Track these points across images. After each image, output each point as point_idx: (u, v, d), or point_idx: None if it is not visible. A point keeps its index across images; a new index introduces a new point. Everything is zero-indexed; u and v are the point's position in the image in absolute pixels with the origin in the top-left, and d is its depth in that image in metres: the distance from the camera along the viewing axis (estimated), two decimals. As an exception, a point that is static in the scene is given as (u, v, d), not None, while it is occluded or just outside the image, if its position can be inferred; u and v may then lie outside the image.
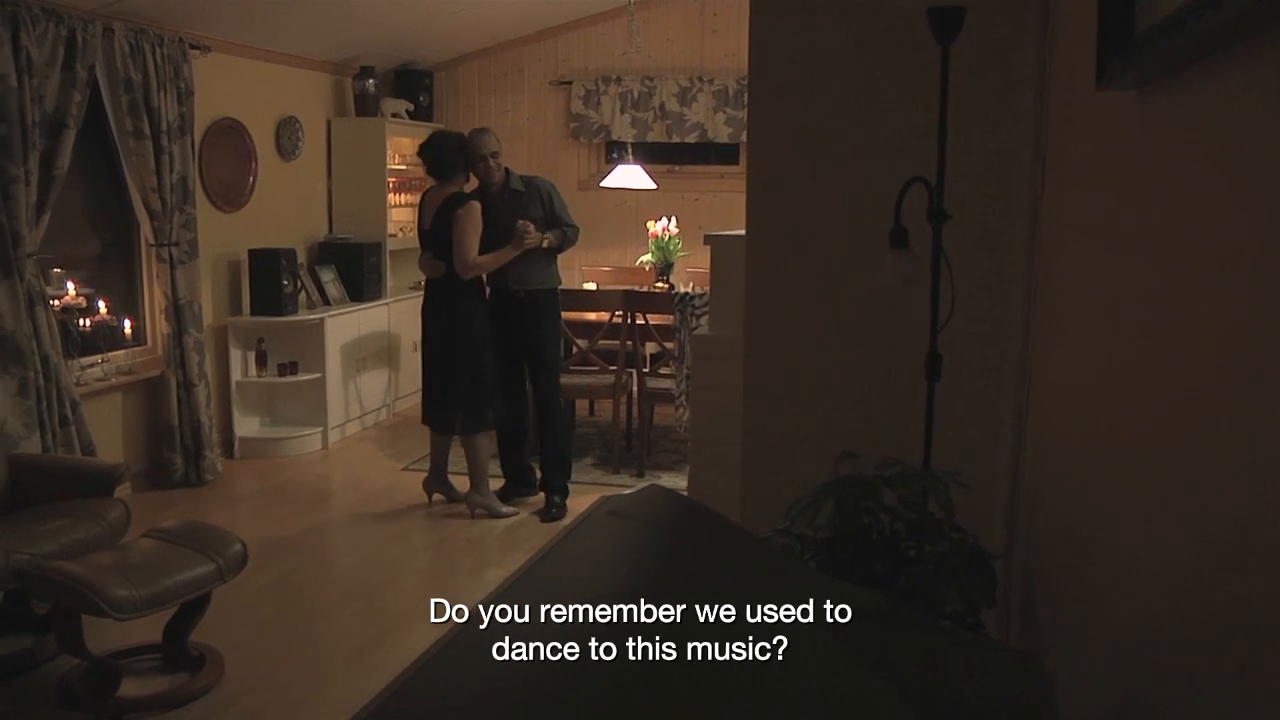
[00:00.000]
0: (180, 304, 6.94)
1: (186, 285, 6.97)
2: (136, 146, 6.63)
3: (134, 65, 6.53)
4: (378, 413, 8.90)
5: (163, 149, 6.72)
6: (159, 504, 6.67)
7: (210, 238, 7.42)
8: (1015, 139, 3.28)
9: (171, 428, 7.01)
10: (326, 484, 7.36)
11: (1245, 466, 1.36)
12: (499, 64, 9.80)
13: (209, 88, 7.32)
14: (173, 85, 6.81)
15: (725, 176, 9.28)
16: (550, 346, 6.62)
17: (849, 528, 2.73)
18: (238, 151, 7.88)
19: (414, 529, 6.40)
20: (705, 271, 5.90)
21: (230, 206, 7.81)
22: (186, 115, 6.94)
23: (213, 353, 7.52)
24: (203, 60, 7.19)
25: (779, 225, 3.64)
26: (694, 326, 6.75)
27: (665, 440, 8.10)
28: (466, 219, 6.25)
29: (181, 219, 6.93)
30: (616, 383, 7.42)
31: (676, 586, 1.90)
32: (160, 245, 6.85)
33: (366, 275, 8.77)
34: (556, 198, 6.55)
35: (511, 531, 6.34)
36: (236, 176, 7.88)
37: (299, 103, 8.60)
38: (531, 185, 6.53)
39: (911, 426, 3.09)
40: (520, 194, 6.47)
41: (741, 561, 2.14)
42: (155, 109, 6.66)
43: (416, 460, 7.58)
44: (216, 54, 7.38)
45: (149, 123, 6.64)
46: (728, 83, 9.10)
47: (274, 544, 6.06)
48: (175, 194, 6.85)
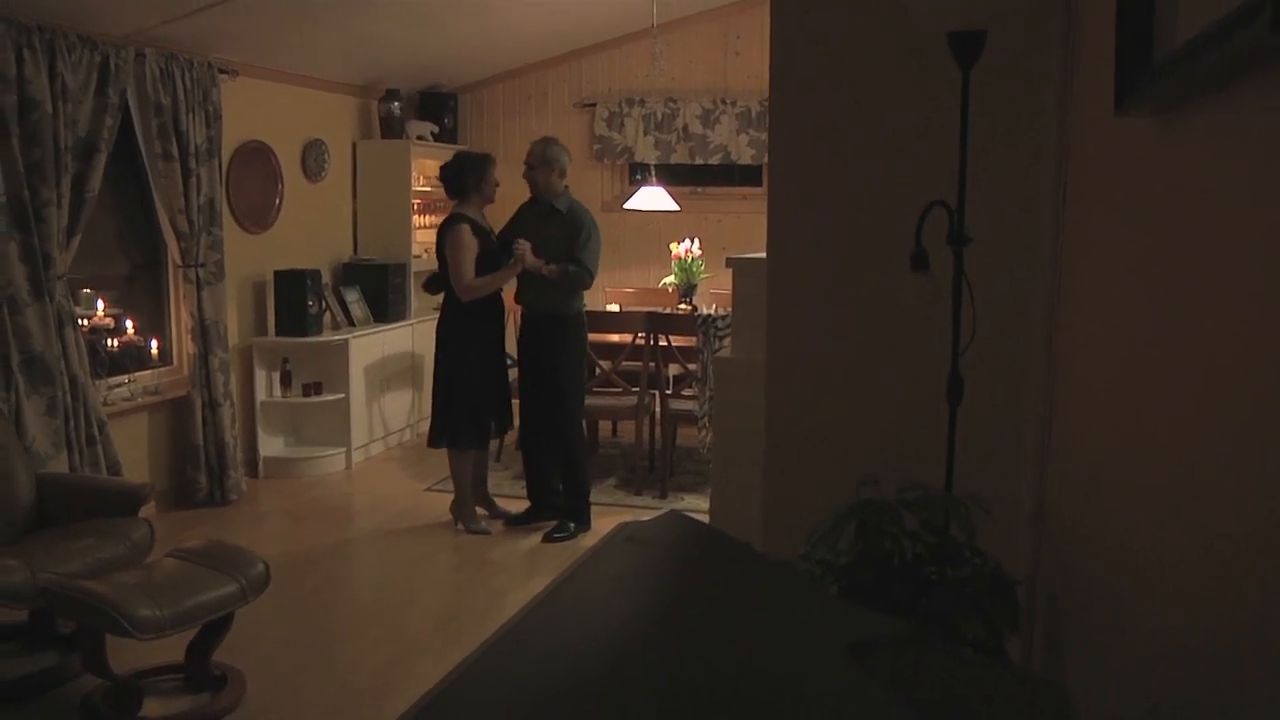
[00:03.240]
0: (206, 324, 6.98)
1: (212, 306, 7.02)
2: (165, 169, 6.68)
3: (164, 89, 6.59)
4: (401, 433, 8.91)
5: (190, 171, 6.77)
6: (183, 523, 6.70)
7: (236, 259, 7.46)
8: (1036, 164, 3.28)
9: (196, 447, 7.04)
10: (350, 504, 7.37)
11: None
12: (523, 86, 9.84)
13: (236, 111, 7.37)
14: (201, 109, 6.87)
15: (749, 198, 9.28)
16: (564, 374, 6.51)
17: (871, 552, 2.72)
18: (264, 173, 7.92)
19: (436, 550, 6.40)
20: (728, 293, 5.89)
21: (256, 228, 7.85)
22: (214, 138, 6.99)
23: (238, 373, 7.57)
24: (230, 84, 7.25)
25: (800, 248, 3.64)
26: (717, 348, 6.73)
27: (688, 462, 8.08)
28: (455, 242, 6.32)
29: (208, 240, 6.98)
30: (639, 404, 7.41)
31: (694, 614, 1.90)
32: (187, 266, 6.90)
33: (391, 296, 8.79)
34: (587, 235, 6.40)
35: (534, 554, 6.34)
36: (263, 198, 7.92)
37: (325, 125, 8.65)
38: (572, 212, 6.45)
39: (933, 450, 3.08)
40: (557, 215, 6.43)
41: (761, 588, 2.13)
42: (184, 132, 6.72)
43: (439, 481, 7.59)
44: (244, 78, 7.44)
45: (177, 145, 6.69)
46: (751, 104, 9.11)
47: (297, 564, 6.07)
48: (202, 215, 6.90)
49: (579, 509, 6.67)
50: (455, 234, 6.33)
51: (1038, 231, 3.26)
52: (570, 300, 6.47)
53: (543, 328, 6.52)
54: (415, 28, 7.82)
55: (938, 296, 2.90)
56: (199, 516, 6.90)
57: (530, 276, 6.39)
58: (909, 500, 2.76)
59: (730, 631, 1.84)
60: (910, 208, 2.92)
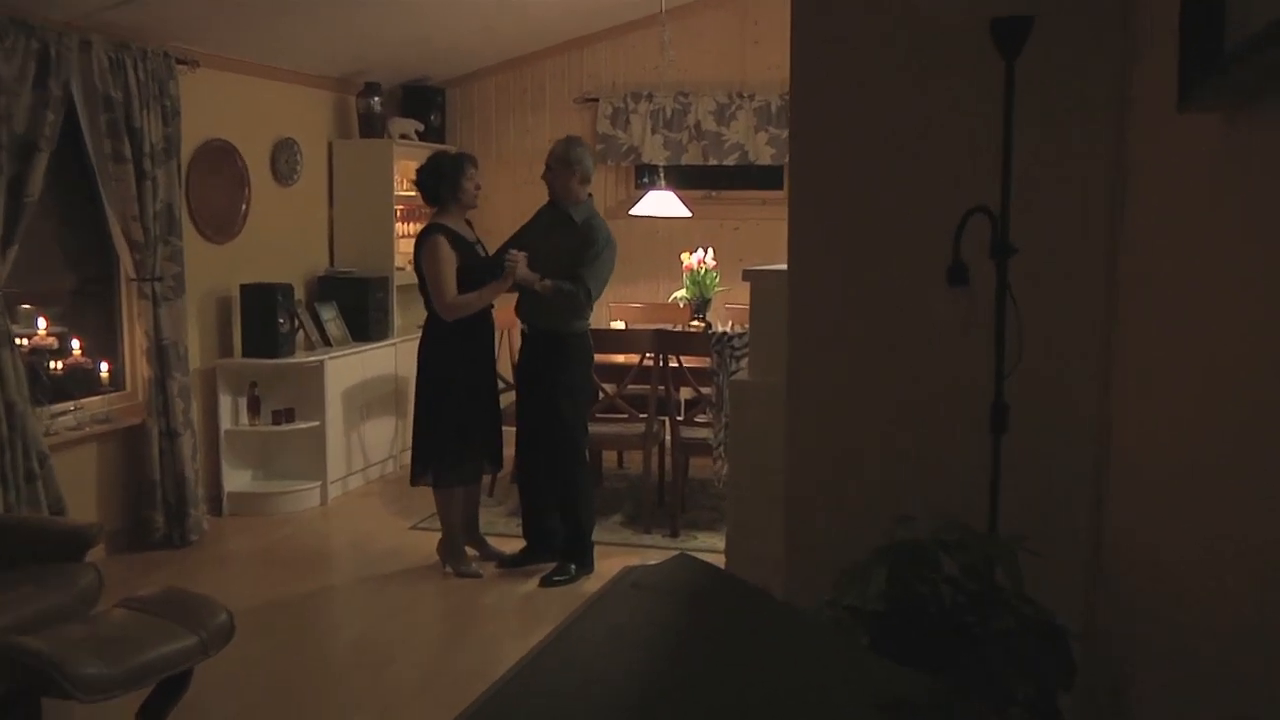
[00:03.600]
0: (164, 345, 6.96)
1: (171, 324, 7.00)
2: (116, 171, 6.66)
3: (114, 82, 6.57)
4: (383, 465, 8.90)
5: (145, 174, 6.76)
6: (136, 568, 6.67)
7: (198, 272, 7.46)
8: (1089, 165, 3.25)
9: (152, 482, 7.02)
10: (325, 545, 7.34)
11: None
12: (518, 80, 9.85)
13: (197, 106, 7.38)
14: (157, 104, 6.85)
15: (768, 202, 9.27)
16: (566, 399, 6.47)
17: (904, 600, 2.71)
18: (229, 177, 7.92)
19: (422, 596, 6.38)
20: (746, 308, 5.88)
21: (220, 237, 7.85)
22: (172, 137, 6.99)
23: (199, 399, 7.55)
24: (190, 76, 7.25)
25: (824, 259, 3.63)
26: (733, 370, 6.71)
27: (702, 495, 8.06)
28: (430, 256, 6.32)
29: (166, 251, 6.97)
30: (647, 432, 7.39)
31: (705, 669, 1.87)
32: (142, 280, 6.88)
33: (372, 313, 8.80)
34: (596, 252, 6.34)
35: (530, 599, 6.31)
36: (228, 204, 7.92)
37: (297, 123, 8.66)
38: (588, 224, 6.41)
39: (974, 485, 3.07)
40: (570, 225, 6.41)
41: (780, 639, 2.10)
42: (138, 130, 6.70)
43: (425, 519, 7.57)
44: (205, 69, 7.44)
45: (130, 145, 6.67)
46: (770, 98, 9.10)
47: (265, 613, 6.04)
48: (159, 223, 6.89)
49: (580, 549, 6.64)
50: (429, 247, 6.32)
51: (1091, 240, 3.24)
52: (574, 318, 6.46)
53: (543, 347, 6.50)
54: (398, 14, 7.83)
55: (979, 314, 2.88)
56: (154, 560, 6.86)
57: (531, 292, 6.37)
58: (947, 541, 2.74)
59: (745, 689, 1.81)
60: (948, 214, 2.91)
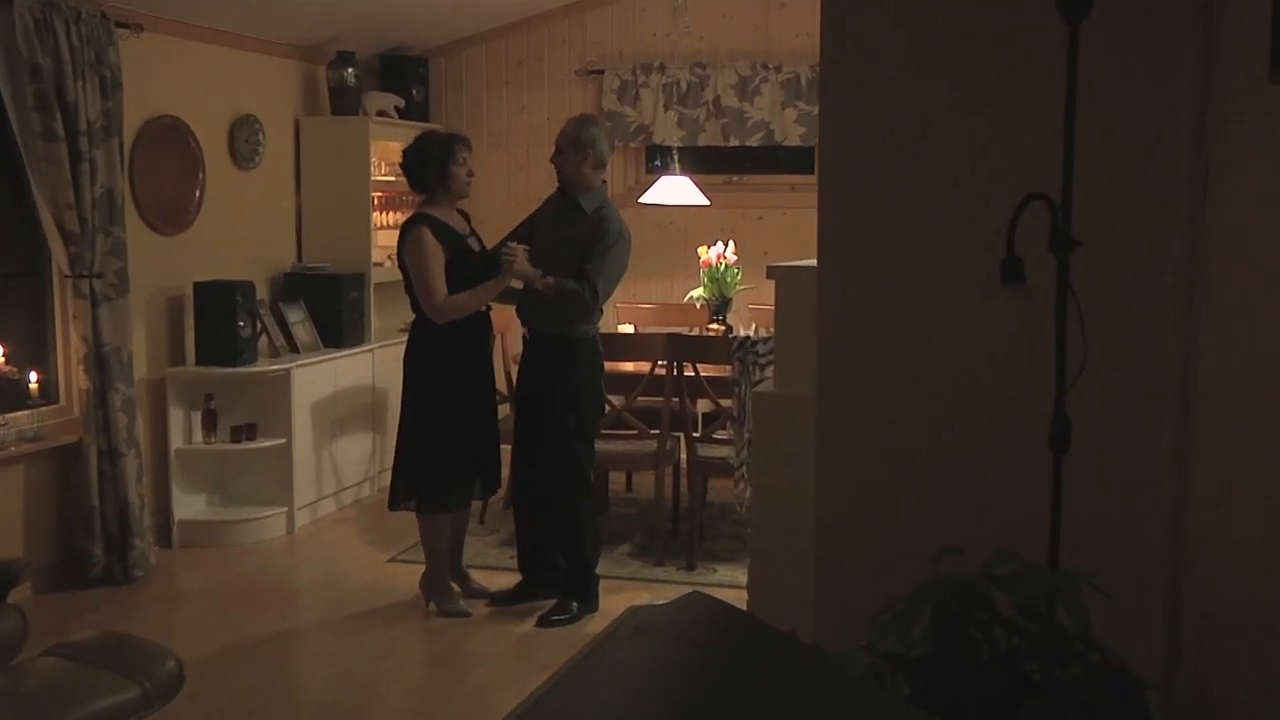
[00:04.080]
0: (105, 351, 6.96)
1: (113, 327, 7.00)
2: (47, 151, 6.64)
3: (42, 48, 6.52)
4: (358, 488, 8.91)
5: (82, 154, 6.74)
6: (70, 609, 6.66)
7: (144, 267, 7.46)
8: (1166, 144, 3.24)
9: (90, 509, 7.00)
10: (291, 580, 7.35)
11: None
12: (512, 49, 9.87)
13: (142, 77, 7.40)
14: (94, 73, 6.83)
15: (797, 188, 9.27)
16: (570, 413, 6.48)
17: (952, 643, 2.70)
18: (180, 159, 7.94)
19: (402, 638, 6.38)
20: (771, 310, 5.87)
21: (170, 228, 7.86)
22: (113, 112, 6.97)
23: (146, 413, 7.55)
24: (134, 42, 7.22)
25: (860, 254, 3.62)
26: (757, 380, 6.71)
27: (722, 522, 8.07)
28: (413, 250, 6.34)
29: (107, 244, 6.97)
30: (660, 451, 7.39)
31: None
32: (79, 277, 6.87)
33: (345, 314, 8.80)
34: (605, 247, 6.35)
35: (526, 642, 6.31)
36: (178, 190, 7.94)
37: (259, 97, 8.67)
38: (598, 215, 6.41)
39: (1031, 512, 3.07)
40: (580, 215, 6.43)
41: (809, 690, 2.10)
42: (71, 104, 6.67)
43: (407, 549, 7.57)
44: (151, 34, 7.42)
45: (63, 121, 6.65)
46: (800, 70, 9.10)
47: (222, 659, 6.04)
48: (99, 212, 6.88)
49: (583, 585, 6.64)
50: (412, 240, 6.34)
51: (1167, 229, 3.23)
52: (582, 321, 6.47)
53: (546, 353, 6.52)
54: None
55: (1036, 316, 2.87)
56: (92, 599, 6.85)
57: (534, 291, 6.37)
58: (1001, 576, 2.74)
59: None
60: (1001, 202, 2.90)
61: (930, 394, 3.57)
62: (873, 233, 3.60)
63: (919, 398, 3.58)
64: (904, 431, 3.61)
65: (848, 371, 3.67)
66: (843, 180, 3.63)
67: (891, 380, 3.61)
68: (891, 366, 3.61)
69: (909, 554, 2.97)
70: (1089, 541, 3.08)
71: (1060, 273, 2.89)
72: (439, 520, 6.56)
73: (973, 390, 3.50)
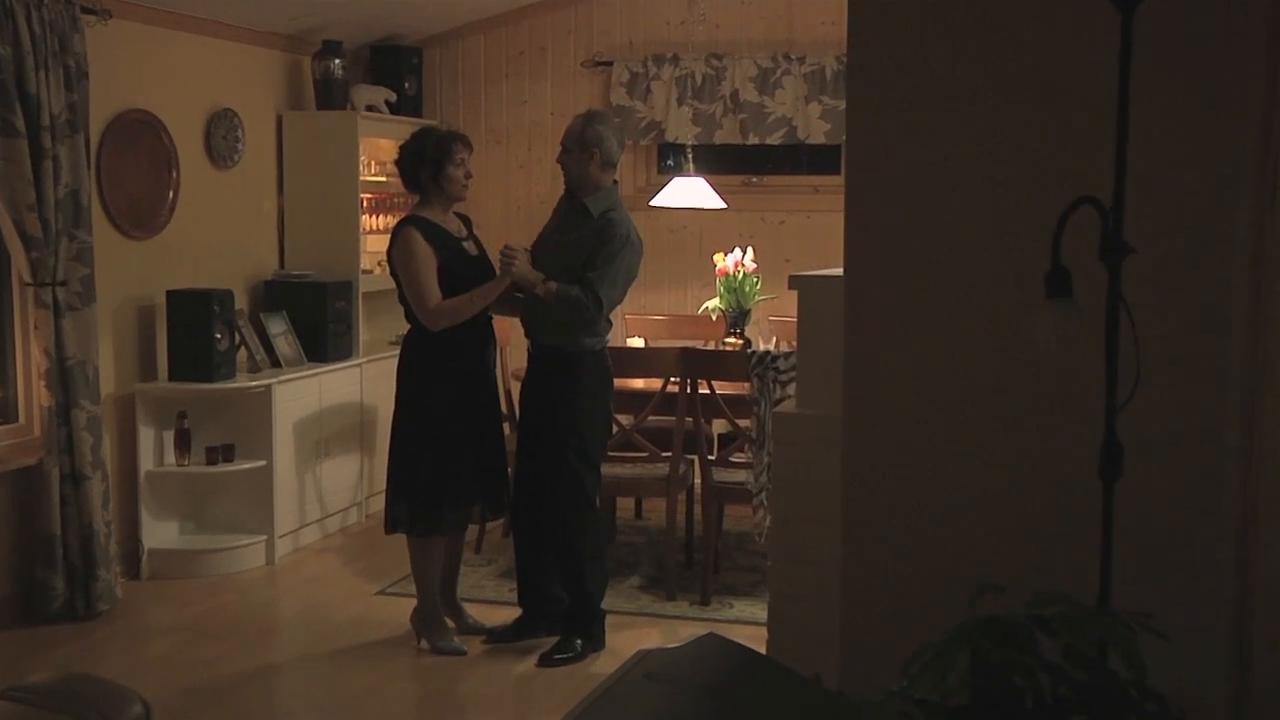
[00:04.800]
0: (68, 365, 6.95)
1: (77, 340, 6.99)
2: (6, 147, 6.64)
3: (0, 35, 6.53)
4: (344, 514, 8.93)
5: (44, 151, 6.75)
6: (28, 647, 6.67)
7: (112, 275, 7.48)
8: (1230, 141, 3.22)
9: (51, 538, 6.99)
10: (271, 614, 7.37)
11: None
12: (513, 38, 9.88)
13: (111, 68, 7.41)
14: (57, 63, 6.82)
15: (822, 191, 9.28)
16: (574, 434, 6.47)
17: (993, 692, 2.69)
18: (152, 157, 7.96)
19: (390, 678, 6.37)
20: (793, 322, 5.87)
21: (141, 232, 7.88)
22: (78, 105, 6.97)
23: (113, 433, 7.56)
24: (101, 30, 7.22)
25: (890, 263, 3.61)
26: (778, 398, 6.71)
27: (739, 553, 8.08)
28: (402, 253, 6.36)
29: (71, 249, 6.96)
30: (672, 475, 7.40)
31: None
32: (40, 285, 6.87)
33: (331, 326, 8.81)
34: (611, 252, 6.34)
35: (525, 684, 6.31)
36: (150, 191, 7.95)
37: (238, 90, 8.69)
38: (605, 218, 6.41)
39: (1079, 546, 3.05)
40: (584, 219, 6.43)
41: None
42: (32, 96, 6.67)
43: (397, 581, 7.57)
44: (120, 21, 7.43)
45: (23, 115, 6.65)
46: (824, 61, 9.10)
47: (193, 702, 6.03)
48: (62, 214, 6.88)
49: (588, 621, 6.63)
50: (400, 242, 6.37)
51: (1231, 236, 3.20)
52: (587, 334, 6.46)
53: (548, 368, 6.53)
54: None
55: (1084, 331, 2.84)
56: (52, 636, 6.85)
57: (537, 297, 6.36)
58: (1046, 617, 2.71)
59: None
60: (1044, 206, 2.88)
61: (967, 417, 3.55)
62: (905, 239, 3.59)
63: (955, 421, 3.56)
64: (939, 457, 3.59)
65: (877, 391, 3.65)
66: (872, 182, 3.62)
67: (925, 401, 3.60)
68: (925, 386, 3.59)
69: (944, 592, 2.95)
70: (1144, 579, 3.06)
71: (1111, 282, 2.86)
72: (431, 545, 6.55)
73: (1015, 413, 3.49)
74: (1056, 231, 2.85)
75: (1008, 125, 3.47)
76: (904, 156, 3.57)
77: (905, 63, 3.56)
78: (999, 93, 3.48)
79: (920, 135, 3.55)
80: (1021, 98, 3.45)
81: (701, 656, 2.20)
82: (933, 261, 3.56)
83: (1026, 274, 2.94)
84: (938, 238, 3.55)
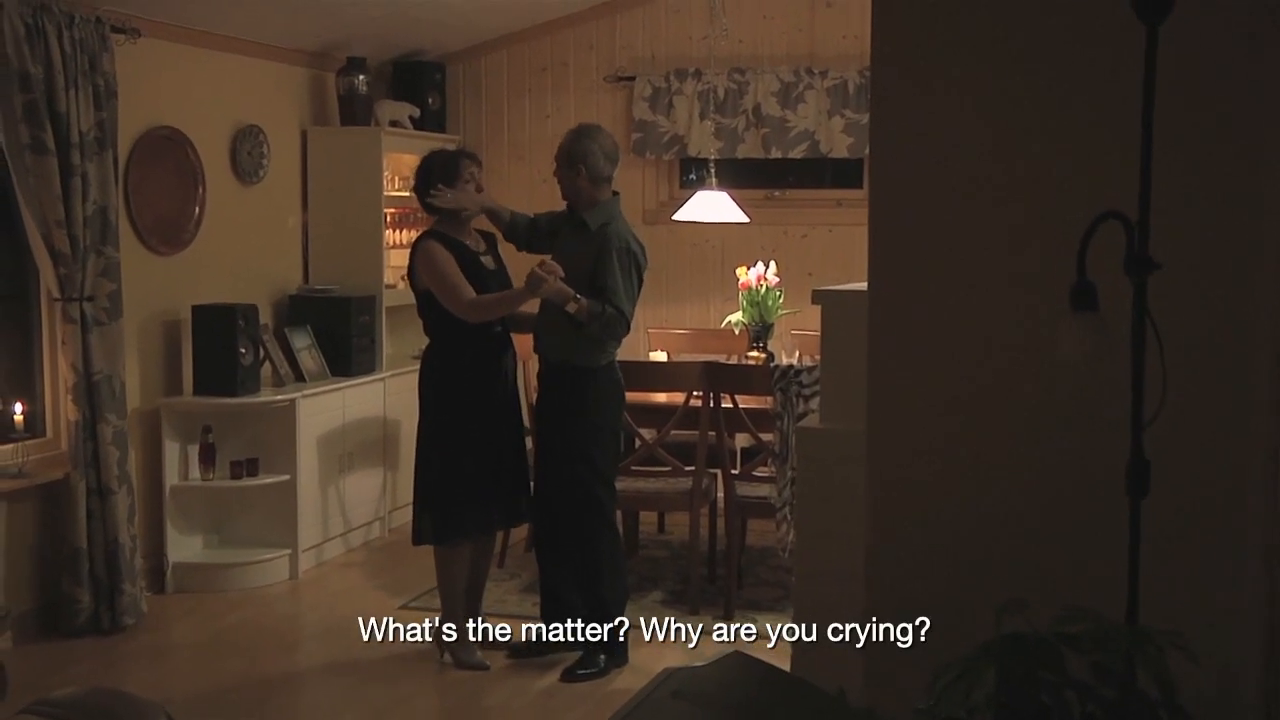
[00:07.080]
0: (95, 380, 6.97)
1: (104, 354, 7.01)
2: (36, 164, 6.67)
3: (32, 55, 6.56)
4: (368, 529, 8.93)
5: (73, 169, 6.77)
6: (54, 660, 6.67)
7: (139, 290, 7.50)
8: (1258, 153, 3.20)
9: (77, 551, 6.99)
10: (295, 628, 7.37)
11: None
12: (535, 54, 9.89)
13: (139, 86, 7.42)
14: (87, 82, 6.86)
15: (845, 204, 9.26)
16: (589, 448, 6.47)
17: (1020, 709, 2.69)
18: (178, 173, 7.97)
19: (414, 693, 6.37)
20: (816, 336, 5.85)
21: (167, 248, 7.89)
22: (107, 123, 7.00)
23: (139, 447, 7.57)
24: (130, 48, 7.25)
25: (914, 277, 3.61)
26: (801, 412, 6.70)
27: (762, 567, 8.06)
28: (426, 260, 6.36)
29: (99, 264, 6.98)
30: (695, 489, 7.38)
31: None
32: (69, 300, 6.89)
33: (355, 340, 8.82)
34: (610, 265, 6.34)
35: (548, 699, 6.29)
36: (176, 207, 7.97)
37: (263, 107, 8.71)
38: (602, 231, 6.41)
39: (1106, 563, 3.03)
40: (584, 234, 6.42)
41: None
42: (63, 114, 6.70)
43: (420, 595, 7.56)
44: (149, 40, 7.45)
45: (54, 133, 6.68)
46: (847, 75, 9.09)
47: (218, 715, 6.04)
48: (91, 230, 6.90)
49: (608, 634, 6.59)
50: (423, 254, 6.37)
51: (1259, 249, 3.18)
52: (596, 348, 6.45)
53: (556, 383, 6.53)
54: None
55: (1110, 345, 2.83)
56: (78, 650, 6.85)
57: (547, 315, 6.35)
58: (1074, 635, 2.73)
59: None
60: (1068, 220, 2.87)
61: (993, 430, 3.54)
62: (929, 254, 3.58)
63: (980, 434, 3.55)
64: (963, 472, 3.58)
65: (901, 405, 3.65)
66: (895, 196, 3.62)
67: (949, 416, 3.59)
68: (949, 401, 3.58)
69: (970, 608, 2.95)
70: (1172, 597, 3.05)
71: (1137, 298, 2.85)
72: (459, 554, 6.53)
73: (1040, 428, 3.48)
74: (1081, 245, 2.83)
75: (1032, 139, 3.46)
76: (927, 171, 3.57)
77: (928, 76, 3.56)
78: (1023, 106, 3.47)
79: (944, 149, 3.55)
80: (1045, 111, 3.45)
81: (727, 675, 2.18)
82: (956, 275, 3.55)
83: (1051, 289, 2.93)
84: (961, 251, 3.54)
